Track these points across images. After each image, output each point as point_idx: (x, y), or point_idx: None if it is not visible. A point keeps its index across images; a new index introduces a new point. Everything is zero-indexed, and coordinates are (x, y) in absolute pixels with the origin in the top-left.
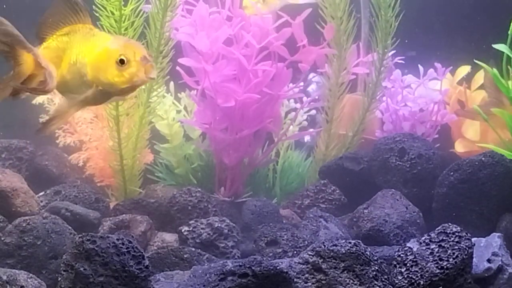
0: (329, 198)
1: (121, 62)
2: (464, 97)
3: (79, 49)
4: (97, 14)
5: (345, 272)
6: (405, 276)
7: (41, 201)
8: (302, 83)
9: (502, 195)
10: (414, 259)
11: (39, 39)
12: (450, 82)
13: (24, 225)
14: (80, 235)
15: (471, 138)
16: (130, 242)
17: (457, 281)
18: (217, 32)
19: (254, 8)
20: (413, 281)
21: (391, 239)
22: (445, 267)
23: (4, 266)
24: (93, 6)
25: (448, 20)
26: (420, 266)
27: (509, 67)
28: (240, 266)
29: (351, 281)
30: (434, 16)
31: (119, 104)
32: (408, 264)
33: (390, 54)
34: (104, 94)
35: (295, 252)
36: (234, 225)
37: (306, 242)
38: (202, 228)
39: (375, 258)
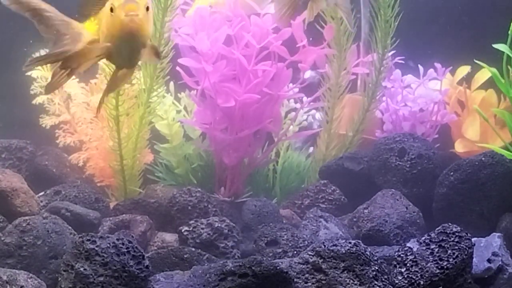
0: (329, 198)
1: (111, 10)
2: (464, 97)
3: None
4: None
5: (345, 272)
6: (405, 276)
7: (41, 201)
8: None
9: (502, 195)
10: (414, 259)
11: (83, 17)
12: (450, 82)
13: (24, 225)
14: (80, 235)
15: (471, 138)
16: (130, 242)
17: (457, 281)
18: (217, 32)
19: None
20: (413, 281)
21: (391, 239)
22: (445, 267)
23: (4, 266)
24: None
25: (448, 20)
26: (420, 266)
27: (509, 67)
28: (240, 266)
29: (351, 281)
30: (434, 16)
31: (119, 104)
32: (408, 264)
33: (390, 54)
34: (117, 51)
35: (295, 252)
36: (234, 225)
37: (306, 242)
38: (202, 228)
39: (375, 258)
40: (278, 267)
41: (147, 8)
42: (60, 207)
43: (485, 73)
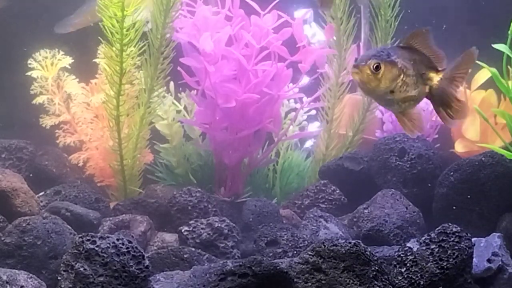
0: (329, 198)
1: None
2: (464, 97)
3: None
4: (99, 15)
5: (345, 272)
6: (405, 276)
7: (41, 201)
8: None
9: (502, 195)
10: (414, 259)
11: None
12: None
13: (24, 225)
14: (80, 235)
15: (471, 138)
16: (130, 242)
17: (457, 281)
18: (220, 33)
19: None
20: (413, 281)
21: (391, 239)
22: (445, 267)
23: (4, 266)
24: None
25: (448, 20)
26: (420, 266)
27: (509, 67)
28: (240, 266)
29: (351, 281)
30: (434, 16)
31: (120, 104)
32: (408, 264)
33: None
34: None
35: (295, 252)
36: (234, 225)
37: (306, 242)
38: (202, 228)
39: (375, 258)
40: (278, 267)
41: None
42: (60, 207)
43: (485, 73)
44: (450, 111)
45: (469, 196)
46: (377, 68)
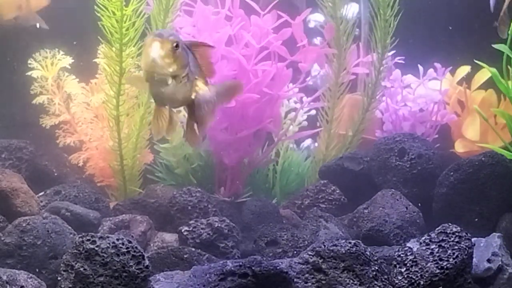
0: (329, 198)
1: None
2: (464, 97)
3: None
4: (98, 14)
5: (345, 272)
6: (405, 276)
7: (41, 201)
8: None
9: (502, 195)
10: (414, 259)
11: None
12: (450, 82)
13: (24, 225)
14: (80, 235)
15: (471, 138)
16: (130, 242)
17: (457, 281)
18: (219, 33)
19: None
20: (413, 281)
21: (391, 239)
22: (445, 267)
23: (4, 266)
24: (95, 6)
25: (448, 20)
26: (420, 266)
27: (509, 67)
28: (240, 266)
29: (351, 281)
30: (434, 16)
31: (119, 104)
32: (408, 264)
33: (389, 54)
34: None
35: (295, 252)
36: (234, 225)
37: (306, 242)
38: (202, 228)
39: (375, 258)
40: (278, 267)
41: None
42: (60, 207)
43: (485, 73)
44: (198, 124)
45: (469, 196)
46: (177, 46)
